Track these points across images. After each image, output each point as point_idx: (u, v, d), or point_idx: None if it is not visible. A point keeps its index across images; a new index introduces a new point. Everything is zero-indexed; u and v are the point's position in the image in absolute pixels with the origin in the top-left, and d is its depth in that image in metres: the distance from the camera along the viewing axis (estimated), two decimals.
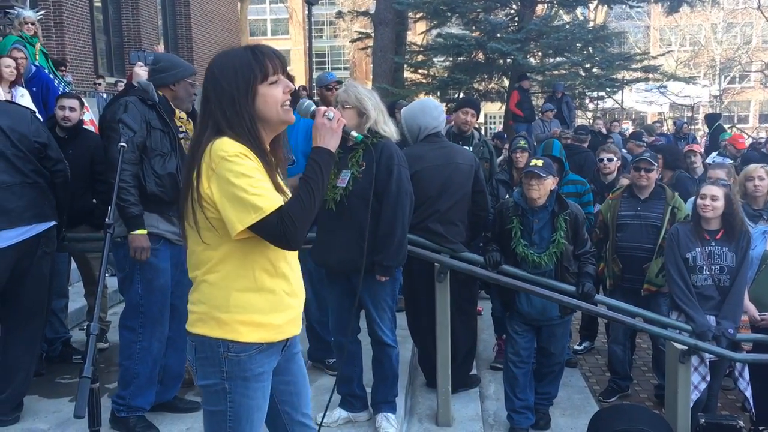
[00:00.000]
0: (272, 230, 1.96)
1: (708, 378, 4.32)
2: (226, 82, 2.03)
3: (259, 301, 2.08)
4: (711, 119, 14.72)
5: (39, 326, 3.72)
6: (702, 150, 8.10)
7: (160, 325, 3.58)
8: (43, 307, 3.71)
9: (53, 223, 3.70)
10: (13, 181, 3.48)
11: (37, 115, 3.93)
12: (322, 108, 2.17)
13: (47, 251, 3.66)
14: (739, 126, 31.33)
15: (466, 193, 4.37)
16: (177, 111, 3.68)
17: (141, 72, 3.93)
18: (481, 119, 32.06)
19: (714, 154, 9.77)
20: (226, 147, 1.97)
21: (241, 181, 1.95)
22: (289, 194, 2.10)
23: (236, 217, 1.95)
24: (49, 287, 3.75)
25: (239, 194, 1.94)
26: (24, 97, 6.04)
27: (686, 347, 3.96)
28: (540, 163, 4.13)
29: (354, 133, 2.37)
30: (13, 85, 6.10)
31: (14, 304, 3.66)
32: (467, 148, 5.12)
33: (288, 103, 2.12)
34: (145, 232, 3.45)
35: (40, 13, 8.86)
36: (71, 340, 4.80)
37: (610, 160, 6.03)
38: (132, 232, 3.42)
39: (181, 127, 3.68)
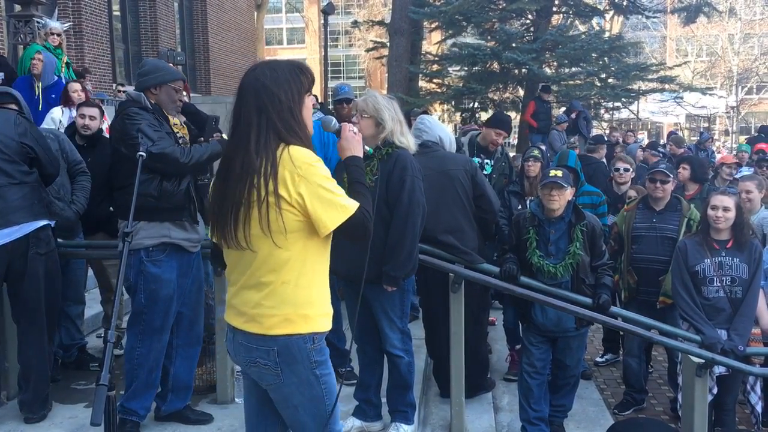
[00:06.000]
0: (358, 225, 2.20)
1: (714, 390, 4.28)
2: (284, 94, 2.19)
3: (325, 293, 2.30)
4: (764, 131, 14.53)
5: (43, 327, 3.72)
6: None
7: (159, 335, 3.57)
8: (42, 308, 3.69)
9: (44, 222, 3.68)
10: None
11: (26, 116, 3.88)
12: (347, 124, 2.45)
13: (40, 252, 3.64)
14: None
15: (467, 199, 4.34)
16: (171, 117, 3.61)
17: None
18: None
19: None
20: (307, 154, 2.16)
21: (329, 184, 2.16)
22: None
23: (328, 217, 2.15)
24: (50, 289, 3.72)
25: (329, 197, 2.15)
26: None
27: (703, 361, 3.92)
28: (560, 173, 4.12)
29: (367, 147, 2.60)
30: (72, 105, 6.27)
31: (18, 306, 3.72)
32: (488, 161, 5.13)
33: None
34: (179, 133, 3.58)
35: (66, 24, 9.00)
36: (87, 347, 4.83)
37: (626, 170, 5.98)
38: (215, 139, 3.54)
39: (178, 132, 3.61)
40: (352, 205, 2.18)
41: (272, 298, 2.18)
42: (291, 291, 2.18)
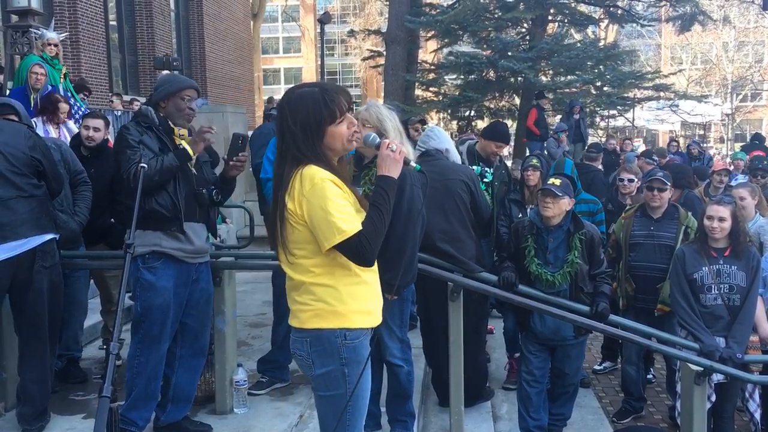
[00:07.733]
0: (353, 250, 2.27)
1: (713, 398, 4.29)
2: (300, 125, 2.31)
3: (363, 292, 2.42)
4: (758, 138, 14.62)
5: (45, 340, 3.71)
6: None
7: (157, 344, 3.55)
8: (45, 320, 3.68)
9: (51, 236, 3.68)
10: (8, 195, 3.49)
11: (35, 131, 3.92)
12: (386, 141, 2.46)
13: (45, 265, 3.64)
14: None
15: (465, 209, 4.36)
16: (176, 129, 3.61)
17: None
18: None
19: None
20: (315, 174, 2.27)
21: (329, 205, 2.25)
22: (366, 206, 2.39)
23: (324, 237, 2.26)
24: (53, 301, 3.72)
25: (327, 217, 2.24)
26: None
27: (701, 368, 3.92)
28: (558, 182, 4.12)
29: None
30: (63, 122, 6.26)
31: (21, 318, 3.70)
32: (488, 170, 5.14)
33: (353, 135, 2.39)
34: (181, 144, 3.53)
35: (63, 34, 9.00)
36: (80, 358, 4.79)
37: (630, 180, 5.98)
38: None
39: (180, 144, 3.58)
40: (350, 229, 2.25)
41: (304, 296, 2.37)
42: (322, 290, 2.34)
